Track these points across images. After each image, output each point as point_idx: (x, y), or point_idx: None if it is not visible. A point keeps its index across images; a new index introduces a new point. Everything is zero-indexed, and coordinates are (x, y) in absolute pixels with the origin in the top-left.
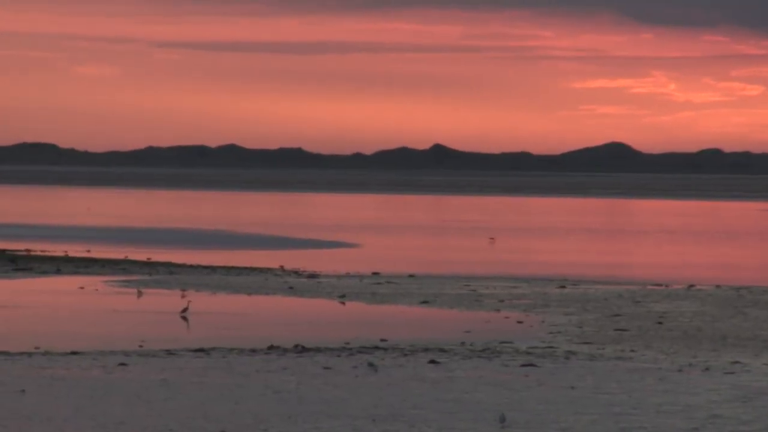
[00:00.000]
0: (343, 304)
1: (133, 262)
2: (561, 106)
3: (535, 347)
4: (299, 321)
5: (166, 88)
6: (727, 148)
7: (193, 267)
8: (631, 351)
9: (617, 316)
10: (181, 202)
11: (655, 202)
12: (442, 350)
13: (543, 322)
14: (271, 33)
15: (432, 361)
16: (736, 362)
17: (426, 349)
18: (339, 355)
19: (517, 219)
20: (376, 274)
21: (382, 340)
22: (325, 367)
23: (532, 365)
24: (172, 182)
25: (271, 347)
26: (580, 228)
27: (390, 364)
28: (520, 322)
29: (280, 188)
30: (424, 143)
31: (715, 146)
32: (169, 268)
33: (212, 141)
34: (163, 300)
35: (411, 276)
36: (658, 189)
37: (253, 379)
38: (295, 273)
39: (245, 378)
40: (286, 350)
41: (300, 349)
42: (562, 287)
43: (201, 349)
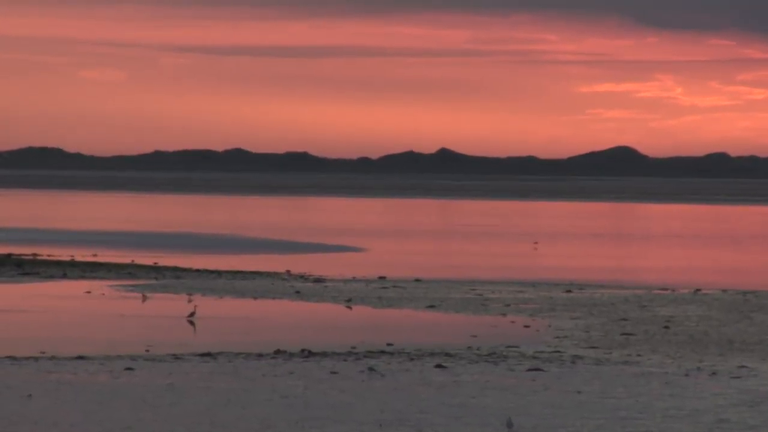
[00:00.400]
0: (350, 308)
1: (140, 267)
2: (567, 110)
3: (542, 352)
4: (306, 325)
5: (172, 92)
6: (734, 152)
7: (199, 271)
8: (638, 355)
9: (624, 320)
10: (188, 207)
11: (661, 206)
12: (448, 355)
13: (549, 326)
14: (278, 37)
15: (438, 366)
16: (743, 366)
17: (432, 354)
18: (345, 360)
19: (524, 223)
20: (383, 278)
21: (389, 345)
22: (331, 372)
23: (539, 370)
24: (178, 186)
25: (278, 352)
26: (587, 232)
27: (396, 369)
28: (526, 327)
29: (287, 192)
30: (430, 147)
31: (721, 150)
32: (176, 272)
33: (218, 145)
34: (170, 304)
35: (417, 280)
36: (664, 193)
37: (259, 384)
38: (302, 277)
39: (252, 382)
40: (292, 355)
41: (306, 354)
42: (569, 291)
43: (208, 354)
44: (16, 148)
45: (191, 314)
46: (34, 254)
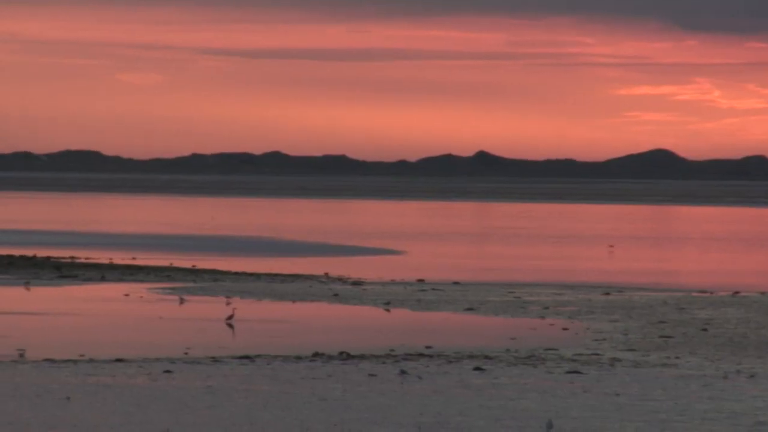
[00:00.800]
0: (388, 311)
1: (178, 270)
2: (605, 113)
3: (581, 354)
4: (344, 328)
5: (210, 95)
6: None
7: (237, 274)
8: (676, 358)
9: (662, 323)
10: (226, 210)
11: (700, 209)
12: (487, 357)
13: (588, 329)
14: (316, 40)
15: (477, 368)
16: None
17: (471, 356)
18: (384, 362)
19: (562, 226)
20: (421, 281)
21: (427, 347)
22: (370, 374)
23: (578, 372)
24: (216, 189)
25: (316, 354)
26: (625, 235)
27: (435, 372)
28: (565, 329)
29: (325, 195)
30: (468, 150)
31: (759, 153)
32: (214, 275)
33: (257, 148)
34: (208, 307)
35: (456, 283)
36: (703, 196)
37: (298, 387)
38: (340, 280)
39: (291, 385)
40: (331, 357)
41: (345, 356)
42: (607, 294)
43: (246, 357)
44: (55, 151)
45: (230, 317)
46: (73, 257)
